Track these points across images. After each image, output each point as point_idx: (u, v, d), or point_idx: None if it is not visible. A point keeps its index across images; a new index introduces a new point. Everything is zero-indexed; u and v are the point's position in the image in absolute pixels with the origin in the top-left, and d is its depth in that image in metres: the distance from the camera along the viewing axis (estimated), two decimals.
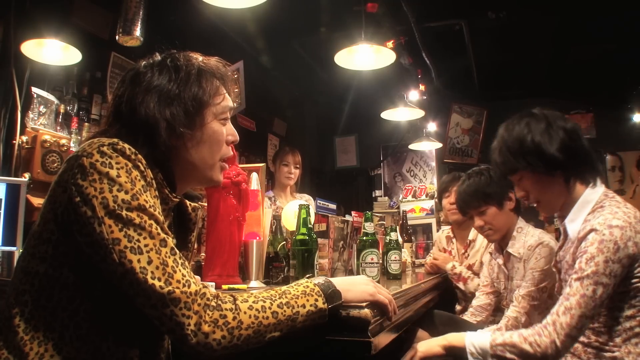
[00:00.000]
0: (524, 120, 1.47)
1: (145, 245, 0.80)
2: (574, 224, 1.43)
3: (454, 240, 2.84)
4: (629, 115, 5.06)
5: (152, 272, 0.78)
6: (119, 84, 0.99)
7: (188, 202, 1.08)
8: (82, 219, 0.80)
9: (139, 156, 0.86)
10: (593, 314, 1.28)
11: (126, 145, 0.85)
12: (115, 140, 0.86)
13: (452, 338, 1.42)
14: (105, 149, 0.84)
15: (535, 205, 1.52)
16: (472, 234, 2.69)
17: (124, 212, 0.80)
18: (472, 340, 1.36)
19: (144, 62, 0.99)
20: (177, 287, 0.78)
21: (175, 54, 1.01)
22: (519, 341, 1.28)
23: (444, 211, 2.86)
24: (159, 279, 0.78)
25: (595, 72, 4.65)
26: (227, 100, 1.03)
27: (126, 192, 0.82)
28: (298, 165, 3.32)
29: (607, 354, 1.35)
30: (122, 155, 0.84)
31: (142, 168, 0.86)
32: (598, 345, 1.37)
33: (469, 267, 2.60)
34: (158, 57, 1.00)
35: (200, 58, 1.02)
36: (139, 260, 0.79)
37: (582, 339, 1.38)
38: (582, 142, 1.43)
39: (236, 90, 1.09)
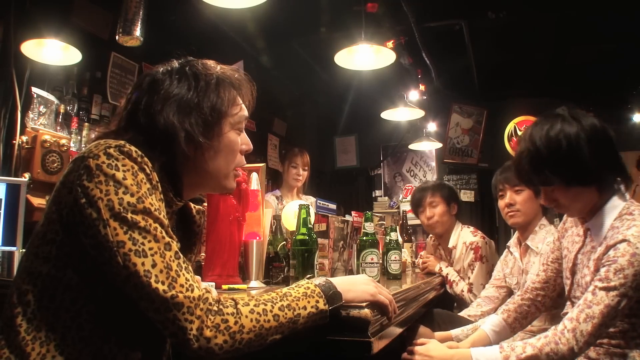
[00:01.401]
0: (554, 126, 1.36)
1: (150, 249, 0.80)
2: (599, 226, 1.40)
3: (440, 247, 2.84)
4: (629, 115, 5.06)
5: (155, 276, 0.78)
6: (135, 89, 0.98)
7: (192, 205, 1.08)
8: (87, 221, 0.80)
9: (145, 159, 0.86)
10: (613, 324, 1.27)
11: (132, 148, 0.85)
12: (122, 142, 0.86)
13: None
14: (112, 150, 0.84)
15: (558, 210, 1.47)
16: (452, 241, 2.69)
17: (129, 215, 0.80)
18: (480, 359, 1.29)
19: (161, 69, 0.99)
20: (181, 292, 0.79)
21: (194, 61, 1.00)
22: (535, 353, 1.25)
23: (423, 226, 2.83)
24: (163, 283, 0.78)
25: (595, 72, 4.66)
26: (244, 110, 1.03)
27: (132, 195, 0.81)
28: (306, 167, 3.34)
29: (618, 352, 1.34)
30: (128, 157, 0.84)
31: (148, 171, 0.86)
32: (608, 347, 1.36)
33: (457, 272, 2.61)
34: (176, 64, 0.99)
35: (219, 67, 1.01)
36: (143, 264, 0.79)
37: None
38: (613, 147, 1.38)
39: (250, 99, 1.09)
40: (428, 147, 5.20)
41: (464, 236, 2.66)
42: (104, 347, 0.84)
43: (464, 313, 2.34)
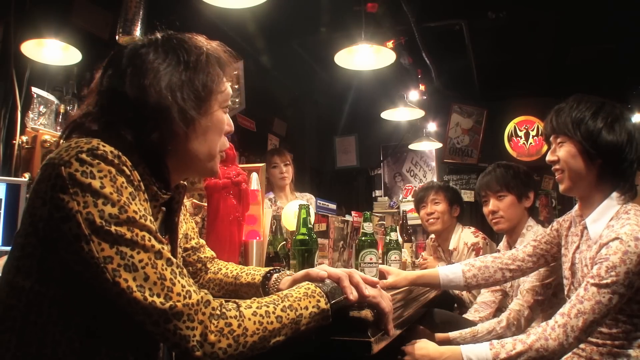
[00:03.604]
0: (598, 102, 1.44)
1: (140, 261, 0.75)
2: (596, 224, 1.40)
3: (439, 248, 2.84)
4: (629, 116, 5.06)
5: (150, 289, 0.74)
6: (111, 63, 0.92)
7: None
8: (66, 237, 0.75)
9: (123, 158, 0.79)
10: (603, 321, 1.27)
11: (107, 148, 0.78)
12: (95, 143, 0.78)
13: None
14: (84, 156, 0.76)
15: (557, 176, 1.48)
16: (453, 243, 2.69)
17: (112, 228, 0.75)
18: (470, 356, 1.29)
19: (142, 41, 0.93)
20: (179, 301, 0.75)
21: (179, 34, 0.95)
22: (524, 349, 1.25)
23: (422, 222, 2.83)
24: (159, 295, 0.75)
25: (595, 72, 4.66)
26: (229, 89, 1.00)
27: (113, 205, 0.75)
28: (288, 163, 3.29)
29: (621, 353, 1.34)
30: (103, 161, 0.77)
31: (128, 172, 0.80)
32: (611, 348, 1.36)
33: None
34: (159, 36, 0.94)
35: (205, 42, 0.97)
36: (134, 278, 0.74)
37: (596, 340, 1.38)
38: (634, 154, 1.40)
39: (235, 73, 1.06)
40: (428, 147, 5.20)
41: (464, 237, 2.66)
42: (96, 358, 0.82)
43: None
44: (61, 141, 0.86)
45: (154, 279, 0.75)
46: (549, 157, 1.48)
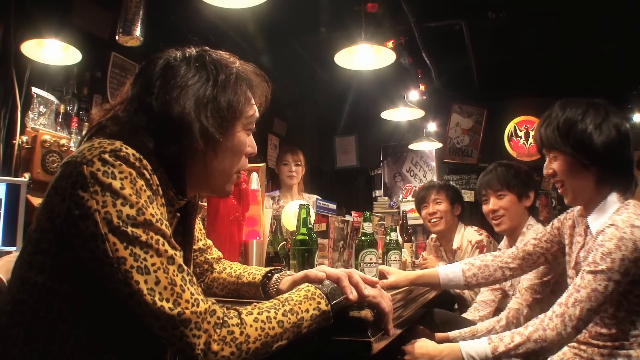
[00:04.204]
0: (582, 105, 1.43)
1: (153, 264, 0.76)
2: (597, 222, 1.41)
3: (441, 248, 2.84)
4: (629, 115, 5.05)
5: (160, 293, 0.75)
6: (144, 71, 0.93)
7: None
8: (83, 235, 0.76)
9: (144, 162, 0.81)
10: (601, 309, 1.27)
11: (130, 151, 0.80)
12: (118, 145, 0.80)
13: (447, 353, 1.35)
14: (107, 156, 0.78)
15: (559, 189, 1.49)
16: (456, 242, 2.70)
17: (129, 229, 0.76)
18: (469, 352, 1.30)
19: (176, 54, 0.94)
20: (187, 308, 0.76)
21: (211, 52, 0.96)
22: (522, 341, 1.25)
23: (424, 222, 2.84)
24: (168, 300, 0.75)
25: (595, 72, 4.66)
26: (256, 112, 1.00)
27: (131, 206, 0.77)
28: (299, 163, 3.31)
29: (622, 353, 1.34)
30: (125, 163, 0.78)
31: (148, 175, 0.81)
32: (612, 349, 1.36)
33: None
34: (193, 51, 0.95)
35: (238, 62, 0.98)
36: (146, 281, 0.75)
37: (597, 342, 1.38)
38: (629, 149, 1.40)
39: (263, 101, 1.07)
40: (428, 147, 5.20)
41: (468, 235, 2.67)
42: (103, 358, 0.82)
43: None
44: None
45: (165, 283, 0.76)
46: (545, 171, 1.50)
